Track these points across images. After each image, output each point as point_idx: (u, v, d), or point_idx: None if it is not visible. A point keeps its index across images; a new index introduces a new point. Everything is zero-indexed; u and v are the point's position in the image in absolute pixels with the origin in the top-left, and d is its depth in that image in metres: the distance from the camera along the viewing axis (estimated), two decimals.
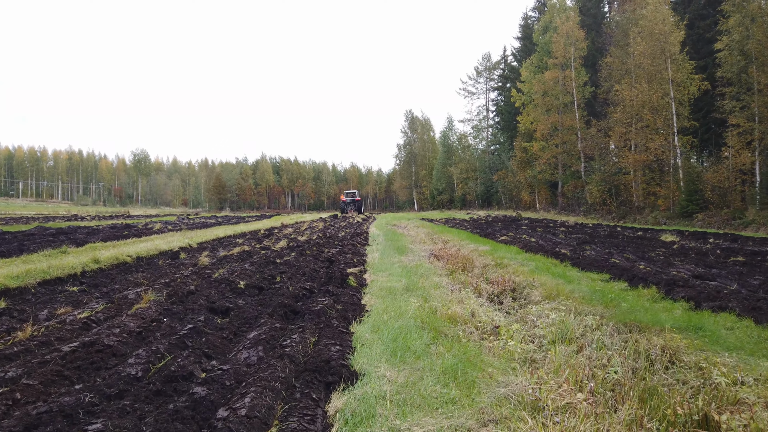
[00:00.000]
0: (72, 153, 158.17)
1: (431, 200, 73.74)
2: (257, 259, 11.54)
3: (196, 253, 13.05)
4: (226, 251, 13.17)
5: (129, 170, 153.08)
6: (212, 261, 11.15)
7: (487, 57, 68.42)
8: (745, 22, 23.37)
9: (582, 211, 35.92)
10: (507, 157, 52.16)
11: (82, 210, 69.49)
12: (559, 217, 34.49)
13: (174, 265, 10.74)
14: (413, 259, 12.00)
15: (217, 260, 11.38)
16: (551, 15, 42.22)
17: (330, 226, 26.40)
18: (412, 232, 22.78)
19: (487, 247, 14.26)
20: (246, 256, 12.38)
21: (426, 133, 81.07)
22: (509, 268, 10.37)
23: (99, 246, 13.15)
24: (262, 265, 10.58)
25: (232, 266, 10.43)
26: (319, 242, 16.25)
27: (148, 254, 12.36)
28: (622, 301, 6.87)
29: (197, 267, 10.34)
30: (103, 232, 18.60)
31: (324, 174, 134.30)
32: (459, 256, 12.55)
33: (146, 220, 33.51)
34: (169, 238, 16.42)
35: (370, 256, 12.88)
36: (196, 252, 13.44)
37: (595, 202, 35.01)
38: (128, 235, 17.58)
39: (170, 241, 15.03)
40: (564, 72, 38.78)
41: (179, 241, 15.45)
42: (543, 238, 16.80)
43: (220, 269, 10.03)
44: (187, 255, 12.44)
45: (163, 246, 13.87)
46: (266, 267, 10.32)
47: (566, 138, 39.50)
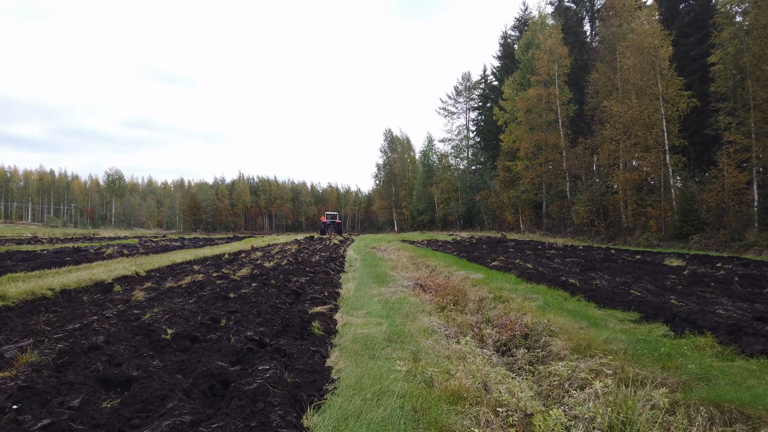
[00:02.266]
0: (43, 173, 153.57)
1: (411, 221, 72.11)
2: (208, 292, 9.55)
3: (138, 284, 10.98)
4: (174, 282, 11.13)
5: (102, 191, 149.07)
6: (150, 296, 9.12)
7: (467, 76, 67.73)
8: (739, 34, 22.35)
9: (569, 233, 34.50)
10: (489, 177, 50.83)
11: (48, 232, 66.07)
12: (546, 238, 32.98)
13: (100, 301, 8.69)
14: (395, 291, 10.13)
15: (158, 294, 9.35)
16: (533, 32, 41.35)
17: (304, 249, 24.39)
18: (392, 255, 20.93)
19: (479, 274, 12.46)
20: (196, 288, 10.36)
21: (406, 153, 79.84)
22: (512, 304, 8.57)
23: (21, 276, 11.00)
24: (210, 301, 8.59)
25: (172, 303, 8.43)
26: (288, 269, 14.28)
27: (78, 286, 10.27)
28: (681, 357, 5.07)
29: (128, 304, 8.32)
30: (42, 258, 16.34)
31: (302, 194, 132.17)
32: (449, 287, 10.74)
33: (106, 242, 31.06)
34: (115, 265, 14.29)
35: (345, 286, 10.97)
36: (138, 282, 11.36)
37: (582, 223, 33.64)
38: (71, 261, 15.38)
39: (112, 270, 12.92)
40: (548, 89, 37.71)
41: (125, 268, 13.33)
42: (538, 263, 15.09)
43: (155, 308, 8.02)
44: (124, 287, 10.37)
45: (102, 275, 11.77)
46: (214, 304, 8.34)
47: (551, 157, 38.29)
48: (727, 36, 22.85)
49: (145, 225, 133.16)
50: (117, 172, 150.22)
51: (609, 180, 30.88)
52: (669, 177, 26.88)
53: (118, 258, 16.89)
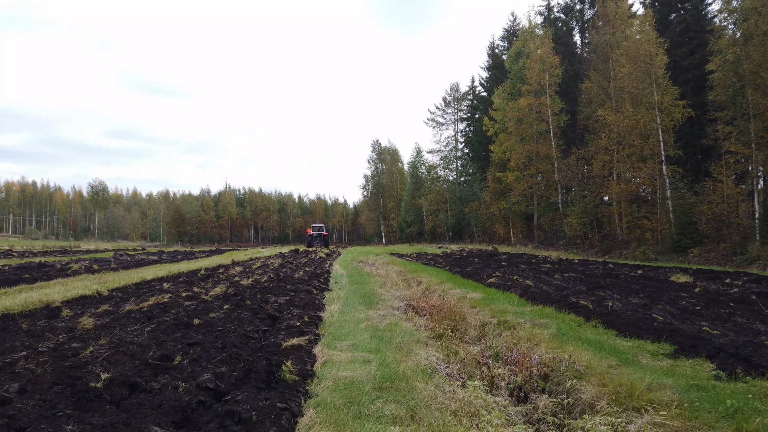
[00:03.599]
0: (25, 184, 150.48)
1: (400, 233, 70.99)
2: (171, 317, 8.31)
3: (93, 306, 9.69)
4: (135, 303, 9.86)
5: (86, 203, 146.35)
6: (101, 322, 7.86)
7: (455, 87, 67.18)
8: (738, 41, 21.67)
9: (562, 245, 33.57)
10: (479, 188, 49.92)
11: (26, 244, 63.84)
12: (539, 251, 32.00)
13: (40, 330, 7.41)
14: (385, 315, 8.96)
15: (111, 320, 8.09)
16: (523, 41, 40.68)
17: (288, 264, 23.13)
18: (381, 270, 19.76)
19: (477, 293, 11.34)
20: (158, 311, 9.10)
21: (394, 164, 78.93)
22: (520, 331, 7.44)
23: None
24: (169, 329, 7.36)
25: (124, 332, 7.19)
26: (267, 287, 13.05)
27: (23, 309, 8.98)
28: (757, 415, 3.95)
29: (71, 334, 7.07)
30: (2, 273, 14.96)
31: (289, 206, 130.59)
32: (445, 309, 9.60)
33: (81, 256, 29.53)
34: (76, 283, 12.97)
35: (329, 308, 9.78)
36: (95, 304, 10.07)
37: (576, 236, 32.74)
38: (29, 279, 14.02)
39: (70, 289, 11.61)
40: (539, 99, 36.97)
41: (85, 287, 12.02)
42: (539, 280, 13.99)
43: (102, 339, 6.78)
44: (75, 311, 9.09)
45: (55, 296, 10.47)
46: (173, 334, 7.11)
47: (542, 168, 37.46)
48: (725, 43, 22.17)
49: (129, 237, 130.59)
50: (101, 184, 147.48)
51: (603, 191, 30.05)
52: (666, 188, 26.05)
53: (83, 275, 15.53)
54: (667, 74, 27.23)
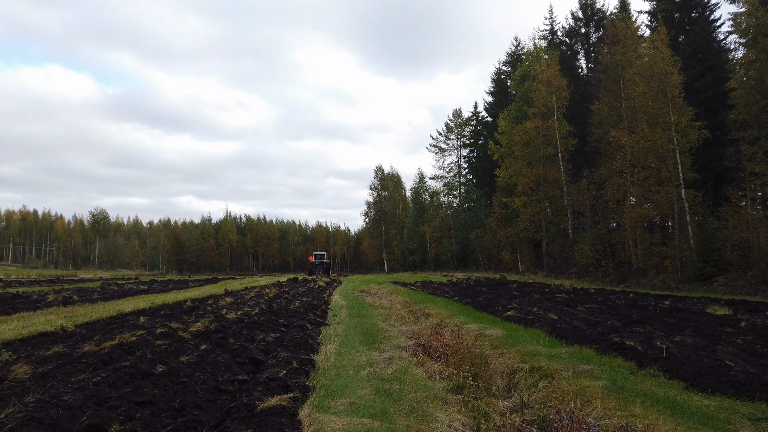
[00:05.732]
0: (26, 213, 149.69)
1: (402, 261, 69.34)
2: (131, 361, 6.82)
3: (46, 347, 8.20)
4: (96, 344, 8.35)
5: (86, 231, 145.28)
6: (41, 370, 6.37)
7: (458, 113, 66.41)
8: (761, 57, 20.51)
9: (573, 273, 31.97)
10: (484, 215, 48.48)
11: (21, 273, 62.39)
12: (550, 280, 30.41)
13: None
14: (391, 358, 7.46)
15: (56, 366, 6.60)
16: (529, 63, 39.83)
17: (284, 294, 21.59)
18: (384, 301, 18.21)
19: (496, 330, 9.83)
20: (119, 353, 7.61)
21: (397, 190, 77.77)
22: (561, 381, 5.95)
23: None
24: (121, 380, 5.86)
25: (65, 384, 5.70)
26: (256, 321, 11.55)
27: None
28: None
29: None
30: None
31: (290, 233, 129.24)
32: (461, 349, 8.10)
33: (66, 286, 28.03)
34: (40, 317, 11.50)
35: (324, 349, 8.27)
36: (49, 344, 8.58)
37: (588, 263, 31.16)
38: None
39: (30, 325, 10.17)
40: (546, 122, 35.85)
41: (49, 322, 10.56)
42: (562, 313, 12.45)
43: (30, 395, 5.28)
44: (20, 354, 7.59)
45: (8, 334, 9.03)
46: (123, 387, 5.61)
47: (550, 193, 36.11)
48: (747, 60, 21.03)
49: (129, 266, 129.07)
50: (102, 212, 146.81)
51: (617, 217, 28.61)
52: (685, 213, 24.61)
53: (54, 308, 14.02)
54: (682, 94, 26.09)
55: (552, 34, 47.46)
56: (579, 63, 46.41)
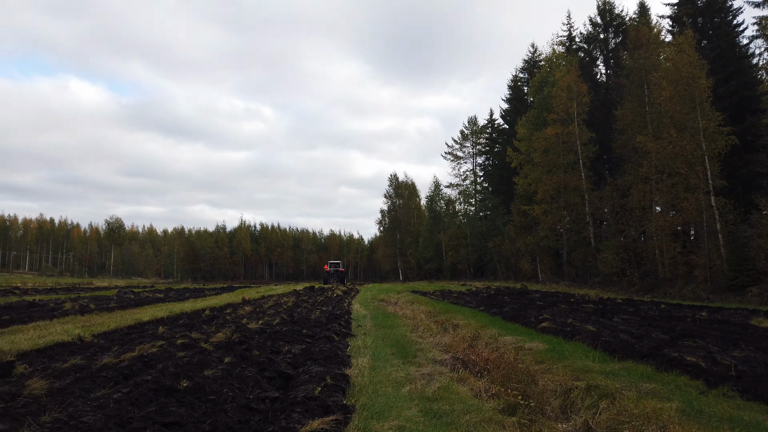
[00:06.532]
0: (43, 222, 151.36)
1: (418, 269, 68.67)
2: (153, 375, 6.35)
3: (63, 358, 7.79)
4: (115, 355, 7.92)
5: (102, 239, 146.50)
6: (59, 385, 5.93)
7: (473, 120, 65.84)
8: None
9: (597, 283, 31.16)
10: (502, 223, 47.74)
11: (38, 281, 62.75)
12: (572, 289, 29.63)
13: None
14: (430, 373, 6.93)
15: (74, 381, 6.16)
16: (548, 69, 39.26)
17: (302, 303, 21.14)
18: (407, 311, 17.66)
19: (536, 343, 9.26)
20: (140, 366, 7.16)
21: (411, 199, 77.20)
22: (625, 402, 5.39)
23: None
24: (143, 397, 5.40)
25: (83, 401, 5.26)
26: (278, 331, 11.09)
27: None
28: None
29: (8, 405, 5.13)
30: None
31: (304, 242, 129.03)
32: (503, 364, 7.55)
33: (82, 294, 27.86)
34: (57, 327, 11.13)
35: (356, 362, 7.74)
36: (67, 355, 8.18)
37: (612, 273, 30.33)
38: (7, 320, 12.19)
39: (47, 334, 9.78)
40: (566, 128, 35.19)
41: (66, 332, 10.18)
42: (600, 324, 11.79)
43: (45, 414, 4.83)
44: (36, 366, 7.17)
45: (24, 344, 8.64)
46: (147, 406, 5.14)
47: (571, 200, 35.36)
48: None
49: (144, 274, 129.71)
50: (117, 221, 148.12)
51: (643, 225, 27.82)
52: (715, 221, 23.79)
53: (71, 316, 13.67)
54: (710, 98, 25.37)
55: (570, 40, 46.86)
56: (598, 69, 45.72)
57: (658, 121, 26.67)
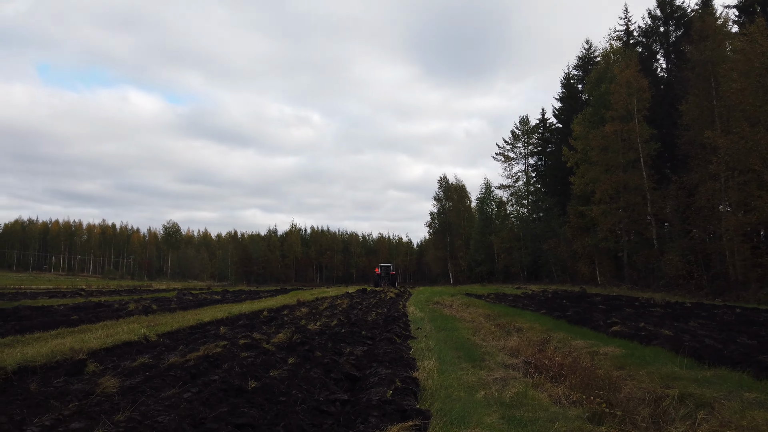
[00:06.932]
0: (105, 227, 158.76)
1: (469, 272, 67.71)
2: (220, 376, 6.29)
3: (131, 357, 7.87)
4: (181, 355, 7.95)
5: (159, 244, 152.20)
6: (129, 383, 5.92)
7: (525, 120, 64.40)
8: None
9: (661, 286, 29.69)
10: (557, 224, 46.38)
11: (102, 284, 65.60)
12: (635, 293, 28.33)
13: (48, 395, 5.52)
14: (503, 378, 6.58)
15: (144, 379, 6.15)
16: (605, 65, 37.90)
17: (357, 305, 21.05)
18: (464, 313, 17.26)
19: (611, 347, 8.74)
20: (206, 366, 7.13)
21: (461, 201, 76.31)
22: (727, 414, 4.88)
23: None
24: (214, 398, 5.30)
25: (155, 400, 5.20)
26: (338, 332, 10.96)
27: (48, 361, 7.27)
28: None
29: (82, 403, 5.13)
30: (48, 316, 13.70)
31: (353, 245, 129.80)
32: (579, 369, 7.12)
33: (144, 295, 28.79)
34: (124, 326, 11.37)
35: (422, 365, 7.46)
36: (135, 354, 8.28)
37: (677, 276, 28.84)
38: (76, 320, 12.58)
39: (114, 334, 9.97)
40: (626, 125, 33.80)
41: (132, 331, 10.36)
42: (675, 329, 11.06)
43: (119, 413, 4.78)
44: (106, 364, 7.26)
45: (94, 343, 8.80)
46: (218, 406, 5.04)
47: (631, 200, 33.92)
48: None
49: (199, 277, 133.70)
50: (174, 225, 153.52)
51: (711, 225, 26.32)
52: None
53: (135, 316, 14.02)
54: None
55: (628, 34, 45.08)
56: (658, 63, 43.84)
57: (728, 115, 25.18)
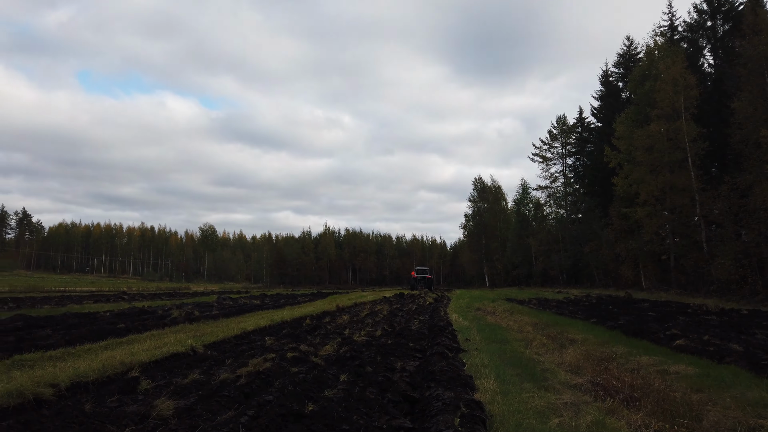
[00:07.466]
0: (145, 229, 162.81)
1: (505, 275, 66.66)
2: (274, 395, 6.07)
3: (181, 373, 7.74)
4: (231, 370, 7.79)
5: (196, 246, 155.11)
6: (184, 404, 5.74)
7: (562, 120, 63.07)
8: None
9: (712, 291, 28.43)
10: (599, 226, 45.11)
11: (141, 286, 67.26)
12: (684, 298, 27.20)
13: (103, 416, 5.37)
14: (574, 402, 6.15)
15: (197, 400, 5.97)
16: (649, 62, 36.65)
17: (397, 311, 20.75)
18: (509, 322, 16.75)
19: (681, 366, 8.19)
20: (258, 384, 6.92)
21: (497, 202, 75.23)
22: None
23: (32, 359, 8.10)
24: (273, 423, 5.05)
25: (211, 424, 4.99)
26: (385, 344, 10.66)
27: (99, 376, 7.18)
28: None
29: (139, 427, 4.95)
30: (94, 324, 13.81)
31: (386, 247, 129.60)
32: (652, 392, 6.63)
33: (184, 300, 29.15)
34: (170, 336, 11.33)
35: (481, 384, 7.09)
36: (185, 369, 8.15)
37: (730, 280, 27.57)
38: (123, 329, 12.60)
39: (162, 345, 9.90)
40: (673, 124, 32.58)
41: (179, 342, 10.29)
42: (743, 342, 10.37)
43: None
44: (157, 381, 7.12)
45: (142, 355, 8.74)
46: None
47: (679, 201, 32.66)
48: None
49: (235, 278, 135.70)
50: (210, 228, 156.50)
51: None
52: None
53: (180, 325, 14.00)
54: None
55: (672, 30, 43.58)
56: (704, 59, 42.20)
57: None
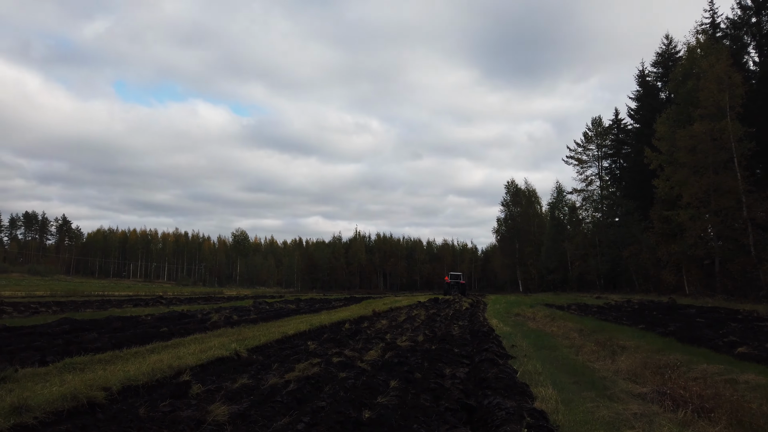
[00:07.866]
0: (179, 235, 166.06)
1: (539, 280, 65.49)
2: (326, 401, 5.92)
3: (230, 377, 7.65)
4: (278, 374, 7.68)
5: (228, 251, 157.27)
6: (237, 409, 5.63)
7: (597, 121, 61.76)
8: None
9: (762, 297, 27.26)
10: (638, 230, 43.86)
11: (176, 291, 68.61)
12: (732, 304, 26.10)
13: (159, 420, 5.29)
14: (643, 414, 5.84)
15: (251, 404, 5.86)
16: (691, 60, 35.57)
17: (434, 316, 20.49)
18: (553, 328, 16.30)
19: (750, 375, 7.77)
20: (309, 389, 6.77)
21: (531, 206, 74.09)
22: None
23: (82, 362, 8.12)
24: (330, 430, 4.88)
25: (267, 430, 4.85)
26: (429, 350, 10.46)
27: (149, 380, 7.13)
28: None
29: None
30: (138, 327, 13.97)
31: (417, 252, 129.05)
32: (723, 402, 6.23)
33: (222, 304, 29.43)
34: (213, 340, 11.31)
35: (539, 393, 6.79)
36: (232, 373, 8.07)
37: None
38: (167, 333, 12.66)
39: (207, 349, 9.88)
40: (718, 123, 31.46)
41: (223, 346, 10.27)
42: None
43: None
44: (207, 386, 7.02)
45: (188, 359, 8.71)
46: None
47: (724, 204, 31.49)
48: None
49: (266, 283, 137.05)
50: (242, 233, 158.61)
51: None
52: None
53: (222, 329, 14.03)
54: None
55: (713, 27, 42.25)
56: (749, 56, 40.75)
57: None
